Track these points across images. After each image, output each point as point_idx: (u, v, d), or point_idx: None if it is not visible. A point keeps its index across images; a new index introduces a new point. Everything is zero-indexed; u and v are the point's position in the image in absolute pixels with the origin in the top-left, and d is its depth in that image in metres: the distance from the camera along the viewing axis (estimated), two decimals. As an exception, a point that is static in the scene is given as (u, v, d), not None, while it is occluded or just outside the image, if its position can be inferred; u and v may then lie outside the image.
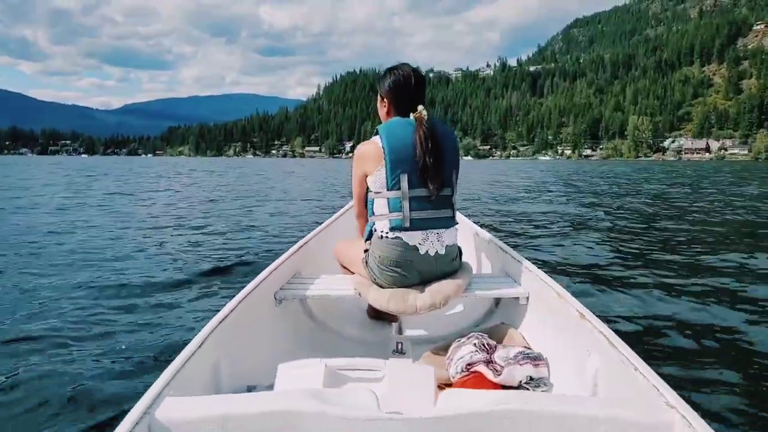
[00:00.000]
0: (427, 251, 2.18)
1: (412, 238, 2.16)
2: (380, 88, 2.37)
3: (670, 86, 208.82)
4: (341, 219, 3.81)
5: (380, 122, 2.31)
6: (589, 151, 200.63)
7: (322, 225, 3.46)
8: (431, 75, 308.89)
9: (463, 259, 2.43)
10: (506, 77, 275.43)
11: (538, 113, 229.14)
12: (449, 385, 1.98)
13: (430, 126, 2.13)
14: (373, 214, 2.25)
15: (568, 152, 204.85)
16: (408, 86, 2.27)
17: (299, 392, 1.30)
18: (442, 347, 2.17)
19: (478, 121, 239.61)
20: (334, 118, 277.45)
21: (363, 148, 2.27)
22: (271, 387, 1.59)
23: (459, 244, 2.37)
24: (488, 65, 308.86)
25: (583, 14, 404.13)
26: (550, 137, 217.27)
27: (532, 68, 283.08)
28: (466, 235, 3.36)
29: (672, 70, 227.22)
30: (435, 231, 2.18)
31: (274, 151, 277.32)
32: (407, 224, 2.13)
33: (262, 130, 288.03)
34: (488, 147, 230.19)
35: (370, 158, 2.21)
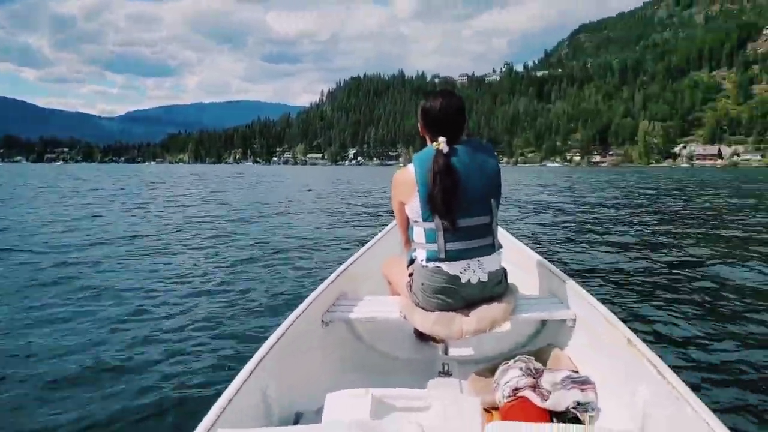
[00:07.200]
0: (468, 279, 2.16)
1: (453, 267, 2.15)
2: (417, 110, 2.32)
3: (680, 91, 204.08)
4: (387, 237, 3.76)
5: (423, 142, 2.30)
6: (598, 158, 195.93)
7: (368, 244, 3.46)
8: (437, 80, 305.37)
9: (510, 279, 2.41)
10: (513, 83, 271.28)
11: (546, 119, 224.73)
12: (496, 408, 1.97)
13: (448, 158, 2.08)
14: (413, 241, 2.28)
15: (576, 159, 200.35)
16: (432, 114, 2.19)
17: (346, 425, 1.33)
18: (488, 369, 2.19)
19: (484, 127, 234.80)
20: (337, 124, 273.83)
21: (398, 176, 2.25)
22: (319, 413, 1.59)
23: (505, 266, 2.35)
24: (494, 71, 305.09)
25: (589, 20, 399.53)
26: (558, 143, 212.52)
27: (539, 73, 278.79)
28: (512, 255, 3.30)
29: (681, 75, 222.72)
30: (476, 259, 2.16)
31: (275, 158, 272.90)
32: (442, 256, 2.12)
33: (263, 136, 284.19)
34: (495, 154, 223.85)
35: (404, 186, 2.21)
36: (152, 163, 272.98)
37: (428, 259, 2.16)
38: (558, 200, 19.15)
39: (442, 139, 2.09)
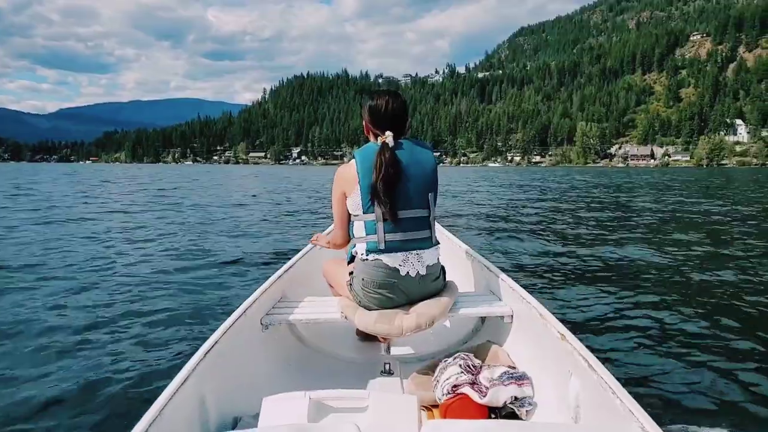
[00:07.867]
0: (408, 272, 2.21)
1: (392, 259, 2.20)
2: (362, 109, 2.40)
3: (615, 93, 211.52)
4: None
5: (367, 141, 2.36)
6: (538, 158, 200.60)
7: (309, 245, 3.39)
8: (380, 80, 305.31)
9: (449, 276, 2.46)
10: (455, 83, 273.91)
11: (487, 119, 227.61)
12: (436, 406, 1.99)
13: (393, 151, 2.17)
14: (353, 236, 2.32)
15: (517, 159, 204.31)
16: (379, 112, 2.28)
17: (283, 428, 1.32)
18: (429, 367, 2.20)
19: (428, 127, 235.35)
20: (280, 122, 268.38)
21: (341, 169, 2.31)
22: (256, 417, 1.56)
23: (443, 263, 2.40)
24: (437, 71, 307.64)
25: (528, 23, 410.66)
26: (499, 144, 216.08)
27: (480, 75, 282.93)
28: (451, 252, 3.36)
29: (615, 77, 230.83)
30: (414, 252, 2.22)
31: (216, 158, 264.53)
32: (382, 246, 2.18)
33: (203, 135, 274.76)
34: (438, 154, 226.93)
35: (347, 179, 2.26)
36: (87, 162, 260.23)
37: (368, 251, 2.21)
38: (496, 198, 19.38)
39: (388, 133, 2.19)
